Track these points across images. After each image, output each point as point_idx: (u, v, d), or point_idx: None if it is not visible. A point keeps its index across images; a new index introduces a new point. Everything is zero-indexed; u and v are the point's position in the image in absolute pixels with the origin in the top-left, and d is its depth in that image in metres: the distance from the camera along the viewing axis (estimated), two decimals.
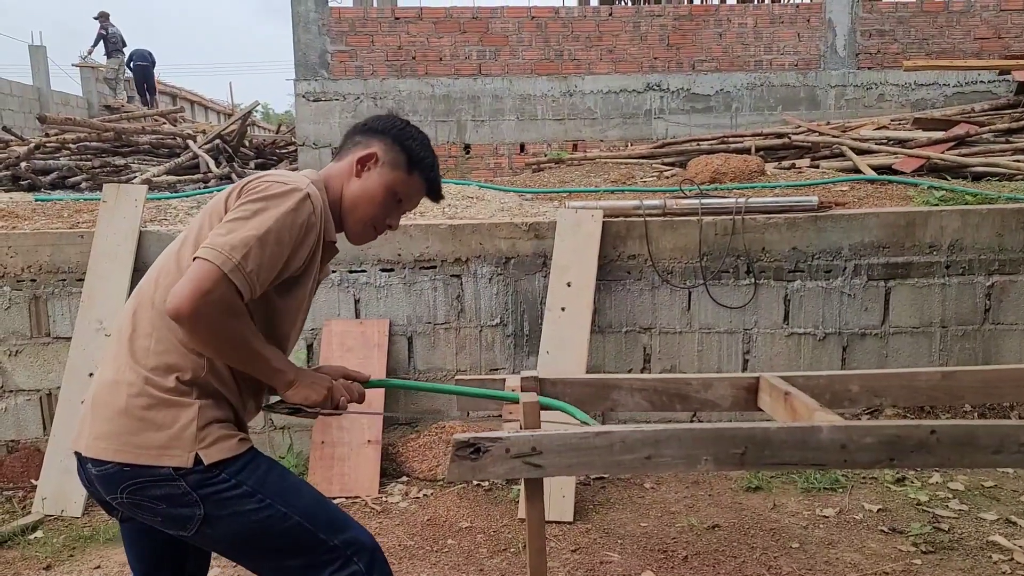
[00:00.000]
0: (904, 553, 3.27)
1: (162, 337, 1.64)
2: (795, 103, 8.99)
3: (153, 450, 1.60)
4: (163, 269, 1.71)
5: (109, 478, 1.63)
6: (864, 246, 4.52)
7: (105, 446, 1.62)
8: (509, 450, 1.61)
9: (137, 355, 1.65)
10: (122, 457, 1.60)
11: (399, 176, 1.83)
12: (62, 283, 4.37)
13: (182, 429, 1.61)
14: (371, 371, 4.27)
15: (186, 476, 1.60)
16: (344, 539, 1.71)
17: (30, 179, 6.85)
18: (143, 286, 1.74)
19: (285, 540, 1.67)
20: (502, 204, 5.15)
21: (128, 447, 1.60)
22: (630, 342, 4.56)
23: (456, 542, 3.51)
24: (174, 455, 1.60)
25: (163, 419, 1.61)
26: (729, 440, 1.61)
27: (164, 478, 1.60)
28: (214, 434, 1.64)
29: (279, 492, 1.68)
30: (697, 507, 3.82)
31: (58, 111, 13.67)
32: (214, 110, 22.24)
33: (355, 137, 1.88)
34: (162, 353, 1.64)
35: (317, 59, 8.72)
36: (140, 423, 1.61)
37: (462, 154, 8.92)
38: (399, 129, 1.86)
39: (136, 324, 1.68)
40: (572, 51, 8.94)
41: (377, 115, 1.93)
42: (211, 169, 7.69)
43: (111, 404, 1.63)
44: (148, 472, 1.60)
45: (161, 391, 1.62)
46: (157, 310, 1.65)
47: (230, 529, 1.65)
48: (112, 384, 1.65)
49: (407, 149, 1.84)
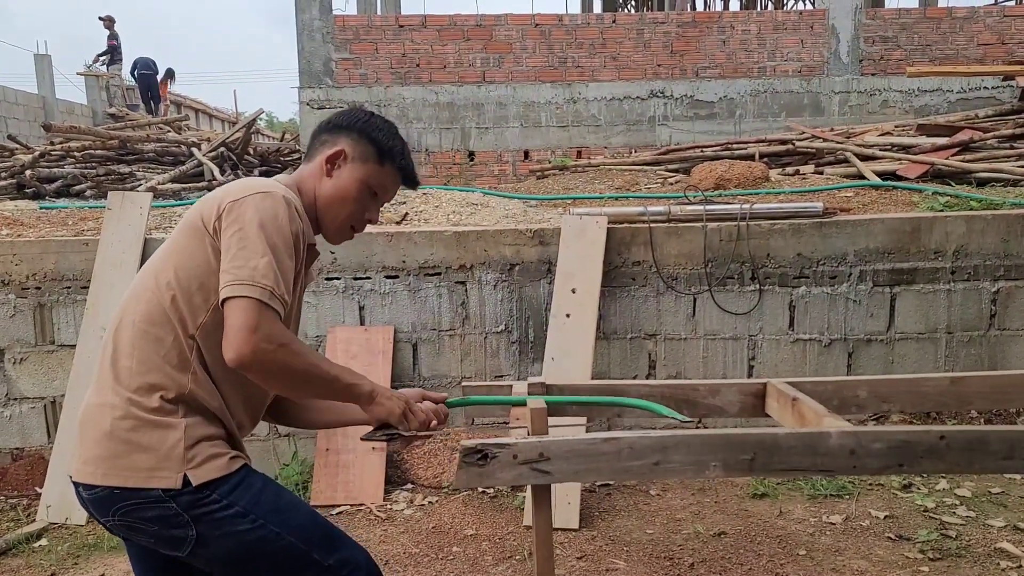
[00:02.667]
0: (911, 560, 3.25)
1: (144, 357, 1.62)
2: (799, 109, 8.99)
3: (142, 472, 1.57)
4: (142, 286, 1.68)
5: (100, 502, 1.61)
6: (869, 252, 4.51)
7: (93, 470, 1.60)
8: (517, 456, 1.61)
9: (120, 376, 1.62)
10: (111, 481, 1.58)
11: (371, 169, 1.80)
12: (67, 291, 4.37)
13: (170, 450, 1.58)
14: (376, 378, 4.29)
15: (176, 497, 1.58)
16: (339, 558, 1.69)
17: (35, 187, 6.86)
18: (124, 305, 1.70)
19: (279, 560, 1.65)
20: (506, 211, 5.15)
21: (116, 470, 1.58)
22: (635, 348, 4.55)
23: (461, 550, 3.50)
24: (163, 477, 1.57)
25: (149, 440, 1.58)
26: (738, 446, 1.60)
27: (154, 500, 1.58)
28: (204, 453, 1.61)
29: (273, 511, 1.66)
30: (703, 514, 3.80)
31: (63, 119, 13.71)
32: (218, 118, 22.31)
33: (321, 136, 1.84)
34: (144, 373, 1.61)
35: (321, 67, 8.73)
36: (127, 446, 1.58)
37: (466, 161, 8.93)
38: (363, 121, 1.82)
39: (117, 344, 1.65)
40: (576, 58, 8.95)
41: (340, 111, 1.89)
42: (216, 177, 7.69)
43: (97, 427, 1.61)
44: (138, 495, 1.58)
45: (146, 412, 1.59)
46: (138, 328, 1.63)
47: (223, 549, 1.63)
48: (97, 407, 1.63)
49: (375, 141, 1.80)
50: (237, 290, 1.52)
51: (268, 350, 1.51)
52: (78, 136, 8.80)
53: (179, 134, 10.71)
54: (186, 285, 1.62)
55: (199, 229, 1.63)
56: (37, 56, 16.54)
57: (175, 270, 1.63)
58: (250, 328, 1.50)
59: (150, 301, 1.63)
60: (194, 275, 1.62)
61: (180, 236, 1.67)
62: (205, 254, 1.62)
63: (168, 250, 1.68)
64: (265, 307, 1.52)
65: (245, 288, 1.51)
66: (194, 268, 1.62)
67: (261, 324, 1.51)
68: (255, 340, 1.50)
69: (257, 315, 1.51)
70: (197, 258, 1.62)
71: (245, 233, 1.56)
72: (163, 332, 1.62)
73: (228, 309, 1.52)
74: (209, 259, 1.61)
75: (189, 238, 1.64)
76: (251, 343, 1.50)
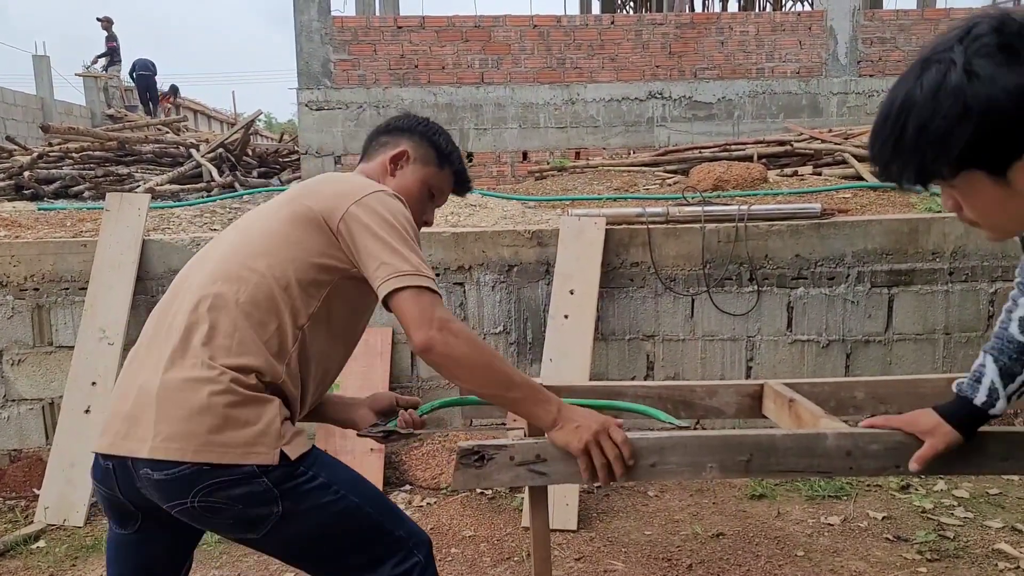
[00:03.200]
0: (909, 561, 3.25)
1: (245, 339, 1.60)
2: (797, 110, 9.00)
3: (238, 448, 1.55)
4: (243, 268, 1.66)
5: (181, 481, 1.54)
6: (867, 253, 4.52)
7: (181, 446, 1.53)
8: (514, 458, 1.61)
9: (216, 353, 1.58)
10: (203, 457, 1.53)
11: (431, 171, 1.89)
12: (65, 292, 4.37)
13: (267, 425, 1.57)
14: (375, 379, 4.30)
15: (269, 472, 1.56)
16: (407, 530, 1.72)
17: (33, 188, 6.87)
18: (213, 277, 1.66)
19: (358, 530, 1.67)
20: (505, 212, 5.15)
21: (210, 446, 1.53)
22: (633, 349, 4.55)
23: (460, 551, 3.50)
24: (259, 452, 1.56)
25: (248, 416, 1.56)
26: (735, 447, 1.60)
27: (246, 476, 1.55)
28: (291, 430, 1.63)
29: (349, 483, 1.68)
30: (701, 515, 3.80)
31: (61, 120, 13.70)
32: (217, 119, 22.32)
33: (380, 138, 1.92)
34: (243, 354, 1.59)
35: (320, 68, 8.73)
36: (223, 421, 1.54)
37: (465, 162, 8.93)
38: (424, 125, 1.92)
39: (214, 322, 1.60)
40: (574, 59, 8.95)
41: (396, 115, 1.98)
42: (214, 178, 7.70)
43: (186, 402, 1.55)
44: (231, 471, 1.54)
45: (246, 388, 1.57)
46: (242, 310, 1.61)
47: (308, 524, 1.62)
48: (185, 382, 1.56)
49: (435, 144, 1.90)
50: (403, 281, 1.57)
51: (453, 330, 1.56)
52: (76, 137, 8.81)
53: (177, 135, 10.71)
54: (302, 276, 1.64)
55: (319, 225, 1.65)
56: (36, 57, 16.56)
57: (291, 262, 1.64)
58: (430, 314, 1.55)
59: (258, 285, 1.62)
60: (311, 267, 1.65)
61: (290, 228, 1.67)
62: (323, 248, 1.65)
63: (274, 239, 1.67)
64: (436, 294, 1.59)
65: (411, 278, 1.57)
66: (309, 261, 1.65)
67: (438, 310, 1.56)
68: (440, 326, 1.55)
69: (432, 302, 1.57)
70: (313, 251, 1.65)
71: (387, 230, 1.62)
72: (268, 318, 1.61)
73: (400, 301, 1.57)
74: (327, 252, 1.65)
75: (304, 231, 1.66)
76: (436, 325, 1.54)
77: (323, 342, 1.70)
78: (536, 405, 1.61)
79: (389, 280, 1.57)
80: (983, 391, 1.51)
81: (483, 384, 1.60)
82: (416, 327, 1.54)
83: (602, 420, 1.61)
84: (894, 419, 1.62)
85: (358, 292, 1.70)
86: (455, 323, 1.57)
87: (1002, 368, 1.51)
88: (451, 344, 1.55)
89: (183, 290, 1.70)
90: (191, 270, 1.75)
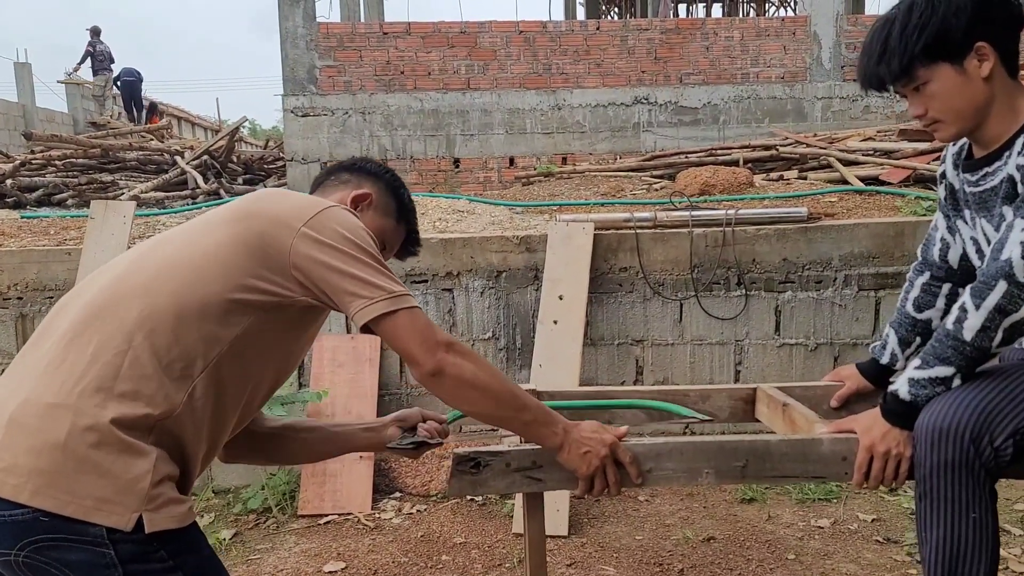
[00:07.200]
0: (899, 563, 3.27)
1: (140, 360, 1.34)
2: (782, 115, 9.06)
3: (87, 501, 1.26)
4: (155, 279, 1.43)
5: (11, 526, 1.26)
6: (854, 256, 4.54)
7: (19, 484, 1.25)
8: (510, 464, 1.60)
9: (102, 375, 1.32)
10: (41, 502, 1.25)
11: (389, 223, 1.76)
12: (49, 301, 4.32)
13: (133, 481, 1.29)
14: (363, 386, 4.28)
15: (118, 543, 1.27)
16: None
17: (16, 196, 6.81)
18: (111, 291, 1.42)
19: None
20: (492, 218, 5.14)
21: (53, 489, 1.25)
22: (622, 354, 4.56)
23: (451, 558, 3.49)
24: (113, 512, 1.27)
25: (113, 464, 1.28)
26: (730, 453, 1.60)
27: (89, 540, 1.26)
28: (165, 495, 1.32)
29: None
30: (692, 519, 3.81)
31: (44, 128, 13.61)
32: (201, 126, 22.20)
33: (342, 174, 1.76)
34: (134, 379, 1.33)
35: (305, 74, 8.72)
36: (79, 463, 1.27)
37: (451, 168, 8.93)
38: (391, 175, 1.79)
39: (102, 338, 1.35)
40: (560, 65, 8.98)
41: (361, 157, 1.88)
42: (199, 185, 7.66)
43: (41, 432, 1.28)
44: (72, 528, 1.26)
45: (123, 428, 1.30)
46: (142, 327, 1.37)
47: None
48: (49, 408, 1.30)
49: (399, 197, 1.77)
50: (393, 304, 1.42)
51: (460, 351, 1.46)
52: (59, 145, 8.75)
53: (162, 142, 10.66)
54: (227, 296, 1.42)
55: (260, 248, 1.44)
56: (17, 64, 16.45)
57: (216, 281, 1.42)
58: (434, 337, 1.44)
59: (169, 302, 1.40)
60: (240, 287, 1.43)
61: (227, 251, 1.44)
62: (258, 271, 1.44)
63: (206, 257, 1.44)
64: (419, 312, 1.45)
65: (398, 300, 1.43)
66: (239, 282, 1.43)
67: (438, 331, 1.46)
68: (445, 345, 1.44)
69: (428, 323, 1.46)
70: (247, 271, 1.43)
71: (354, 248, 1.46)
72: (172, 339, 1.37)
73: (395, 327, 1.43)
74: (263, 275, 1.44)
75: (241, 255, 1.44)
76: (443, 347, 1.44)
77: (247, 366, 1.47)
78: (545, 427, 1.55)
79: (375, 303, 1.41)
80: (887, 354, 2.02)
81: (496, 406, 1.50)
82: (422, 351, 1.42)
83: (609, 444, 1.57)
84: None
85: (296, 315, 1.51)
86: (459, 343, 1.48)
87: (900, 338, 2.00)
88: (461, 366, 1.45)
89: (80, 296, 1.47)
90: (99, 276, 1.50)
